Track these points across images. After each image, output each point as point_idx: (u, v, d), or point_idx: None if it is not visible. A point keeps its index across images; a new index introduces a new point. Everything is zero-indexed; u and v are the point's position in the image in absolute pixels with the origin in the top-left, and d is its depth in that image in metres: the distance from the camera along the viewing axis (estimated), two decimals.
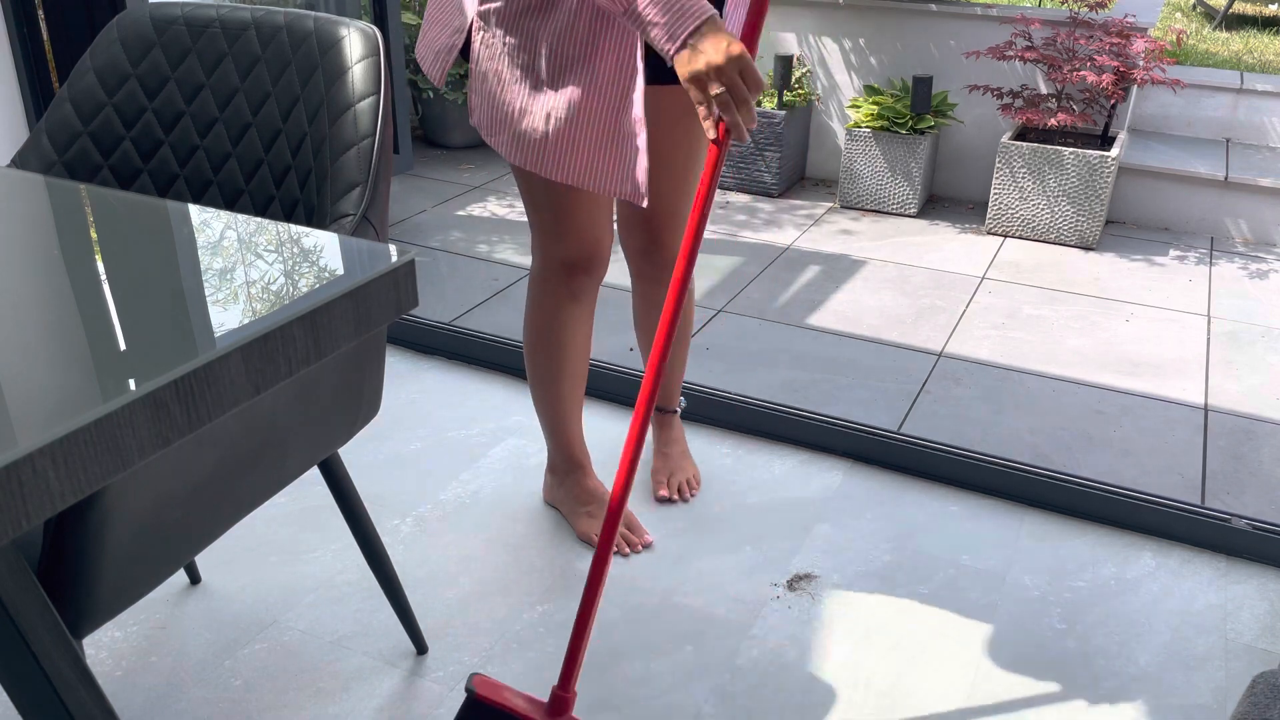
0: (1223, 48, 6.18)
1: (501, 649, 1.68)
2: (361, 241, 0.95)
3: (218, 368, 0.74)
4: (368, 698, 1.58)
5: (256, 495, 1.25)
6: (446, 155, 4.32)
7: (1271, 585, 1.88)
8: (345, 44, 1.34)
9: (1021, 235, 3.61)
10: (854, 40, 3.98)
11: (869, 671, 1.66)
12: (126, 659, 1.64)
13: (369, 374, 1.40)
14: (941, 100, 3.80)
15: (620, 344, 2.72)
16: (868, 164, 3.78)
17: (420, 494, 2.06)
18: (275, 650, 1.66)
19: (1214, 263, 3.45)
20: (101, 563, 1.03)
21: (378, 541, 1.54)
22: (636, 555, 1.90)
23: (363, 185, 1.29)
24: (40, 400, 0.68)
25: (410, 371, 2.52)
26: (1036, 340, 2.85)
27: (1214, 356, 2.79)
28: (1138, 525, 2.01)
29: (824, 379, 2.58)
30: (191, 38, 1.43)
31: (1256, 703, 1.00)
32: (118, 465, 0.68)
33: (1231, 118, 4.01)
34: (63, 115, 1.43)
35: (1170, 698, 1.63)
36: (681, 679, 1.63)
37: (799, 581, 1.85)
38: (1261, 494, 2.17)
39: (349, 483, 1.49)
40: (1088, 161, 3.45)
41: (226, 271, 0.89)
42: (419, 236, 3.45)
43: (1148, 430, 2.40)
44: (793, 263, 3.33)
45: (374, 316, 0.88)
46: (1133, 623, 1.78)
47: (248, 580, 1.81)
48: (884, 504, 2.07)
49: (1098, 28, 3.56)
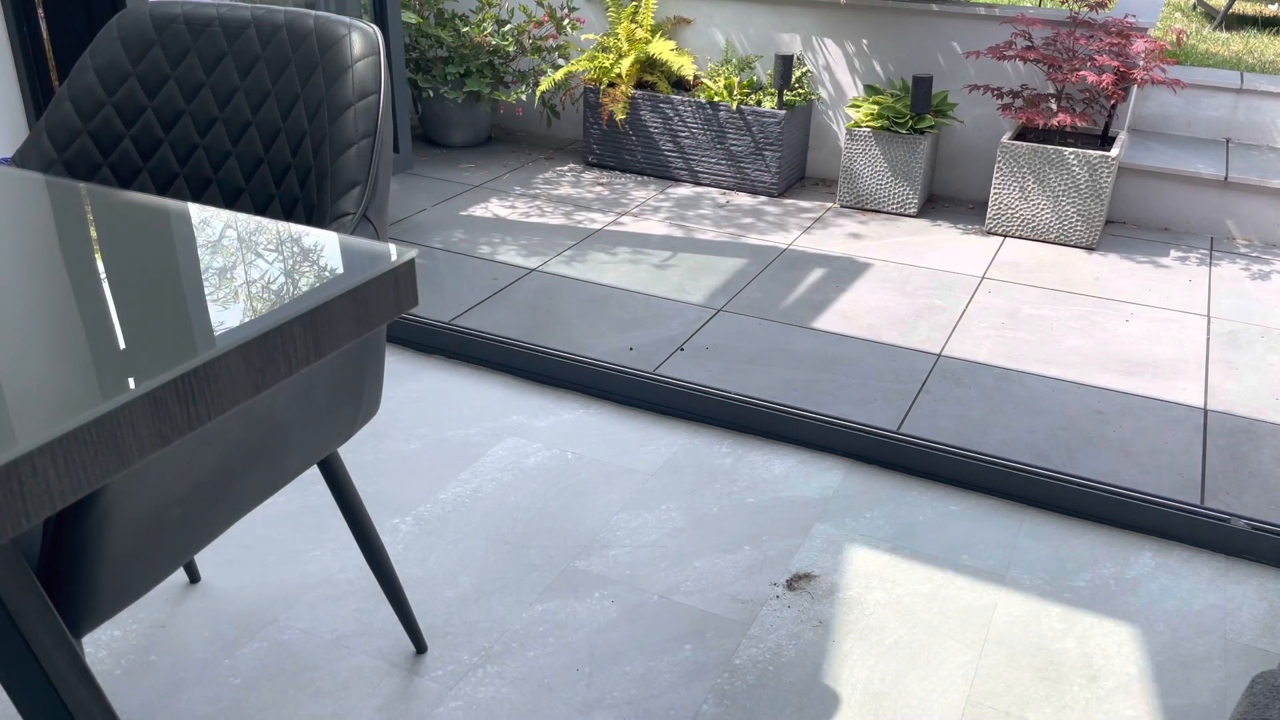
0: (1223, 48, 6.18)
1: (501, 648, 1.68)
2: (361, 240, 0.95)
3: (217, 367, 0.74)
4: (367, 697, 1.58)
5: (256, 494, 1.25)
6: (446, 154, 4.32)
7: (1271, 585, 1.88)
8: (345, 43, 1.34)
9: (1021, 235, 3.61)
10: (854, 40, 3.98)
11: (868, 671, 1.66)
12: (126, 658, 1.63)
13: (369, 373, 1.40)
14: (942, 100, 3.80)
15: (620, 344, 2.72)
16: (868, 164, 3.78)
17: (420, 493, 2.06)
18: (275, 649, 1.66)
19: (1214, 263, 3.45)
20: (101, 561, 1.03)
21: (377, 541, 1.54)
22: (636, 554, 1.90)
23: (363, 184, 1.29)
24: (40, 399, 0.68)
25: (410, 370, 2.52)
26: (1036, 340, 2.84)
27: (1214, 356, 2.79)
28: (1137, 525, 2.01)
29: (824, 379, 2.58)
30: (191, 36, 1.42)
31: (1256, 703, 1.00)
32: (117, 464, 0.68)
33: (1231, 118, 4.01)
34: (62, 114, 1.43)
35: (1170, 698, 1.63)
36: (681, 679, 1.63)
37: (799, 581, 1.85)
38: (1261, 494, 2.17)
39: (349, 482, 1.49)
40: (1088, 161, 3.45)
41: (226, 270, 0.89)
42: (419, 235, 3.45)
43: (1147, 430, 2.40)
44: (793, 262, 3.33)
45: (374, 315, 0.88)
46: (1132, 623, 1.78)
47: (247, 579, 1.81)
48: (884, 504, 2.07)
49: (1098, 28, 3.56)
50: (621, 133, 4.10)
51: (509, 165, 4.21)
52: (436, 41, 4.17)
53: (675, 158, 4.05)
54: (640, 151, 4.10)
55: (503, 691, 1.60)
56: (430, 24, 4.20)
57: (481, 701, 1.58)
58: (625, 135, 4.10)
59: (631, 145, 4.10)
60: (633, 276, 3.16)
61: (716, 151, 3.97)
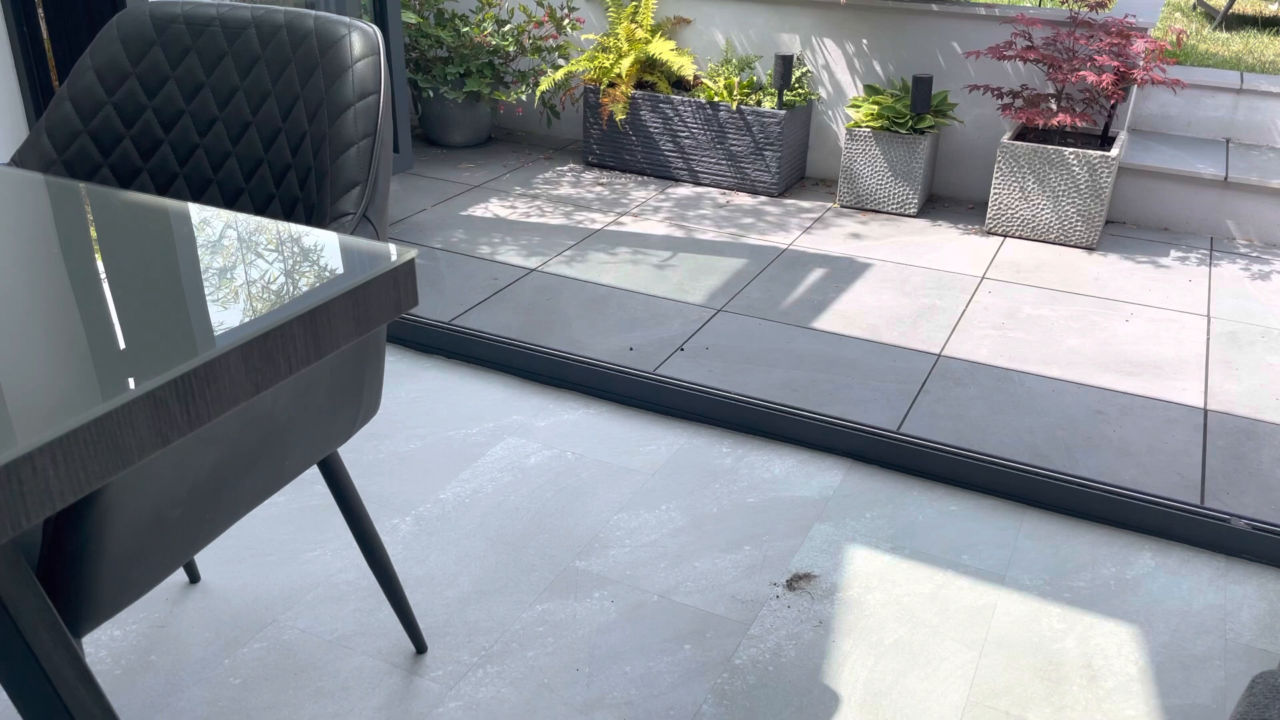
0: (1223, 48, 6.18)
1: (501, 648, 1.68)
2: (361, 240, 0.95)
3: (217, 367, 0.74)
4: (367, 697, 1.58)
5: (256, 494, 1.25)
6: (446, 154, 4.32)
7: (1271, 585, 1.88)
8: (345, 43, 1.34)
9: (1021, 235, 3.61)
10: (854, 40, 3.98)
11: (868, 671, 1.66)
12: (126, 658, 1.63)
13: (369, 373, 1.40)
14: (941, 100, 3.80)
15: (620, 344, 2.72)
16: (868, 164, 3.78)
17: (420, 493, 2.06)
18: (275, 649, 1.66)
19: (1214, 263, 3.45)
20: (101, 561, 1.03)
21: (377, 541, 1.54)
22: (636, 554, 1.90)
23: (363, 184, 1.29)
24: (40, 399, 0.68)
25: (410, 370, 2.52)
26: (1036, 340, 2.84)
27: (1214, 356, 2.79)
28: (1137, 525, 2.01)
29: (824, 379, 2.58)
30: (191, 36, 1.42)
31: (1255, 703, 1.00)
32: (117, 464, 0.68)
33: (1231, 118, 4.01)
34: (62, 114, 1.43)
35: (1170, 698, 1.63)
36: (681, 679, 1.63)
37: (799, 581, 1.85)
38: (1261, 494, 2.17)
39: (348, 482, 1.49)
40: (1088, 161, 3.45)
41: (226, 270, 0.89)
42: (419, 235, 3.45)
43: (1147, 430, 2.40)
44: (793, 262, 3.33)
45: (374, 315, 0.88)
46: (1132, 623, 1.78)
47: (247, 579, 1.81)
48: (884, 504, 2.07)
49: (1098, 28, 3.56)
50: (621, 133, 4.10)
51: (509, 165, 4.21)
52: (436, 41, 4.17)
53: (675, 158, 4.05)
54: (640, 151, 4.10)
55: (503, 691, 1.60)
56: (430, 24, 4.21)
57: (481, 701, 1.58)
58: (625, 135, 4.10)
59: (631, 145, 4.10)
60: (633, 276, 3.16)
61: (716, 151, 3.97)
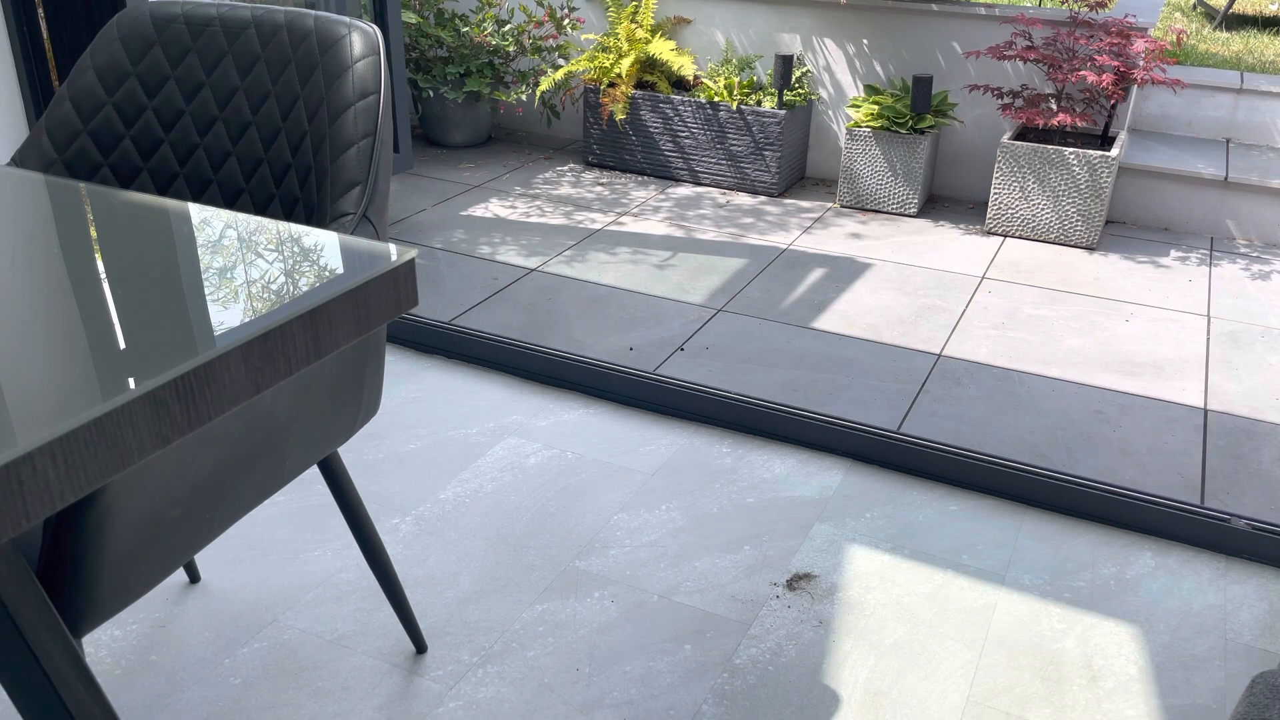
0: (1223, 48, 6.18)
1: (501, 648, 1.68)
2: (361, 240, 0.95)
3: (217, 366, 0.74)
4: (367, 697, 1.58)
5: (256, 494, 1.25)
6: (446, 154, 4.32)
7: (1271, 585, 1.88)
8: (345, 43, 1.34)
9: (1022, 235, 3.61)
10: (854, 40, 3.98)
11: (868, 671, 1.66)
12: (126, 658, 1.63)
13: (369, 373, 1.40)
14: (941, 100, 3.80)
15: (620, 344, 2.72)
16: (868, 164, 3.78)
17: (420, 493, 2.06)
18: (275, 649, 1.66)
19: (1214, 263, 3.45)
20: (101, 561, 1.03)
21: (377, 541, 1.54)
22: (636, 554, 1.90)
23: (363, 184, 1.29)
24: (40, 399, 0.68)
25: (410, 370, 2.52)
26: (1036, 340, 2.84)
27: (1214, 356, 2.79)
28: (1137, 525, 2.01)
29: (824, 379, 2.58)
30: (191, 36, 1.42)
31: (1256, 703, 1.00)
32: (117, 464, 0.68)
33: (1232, 118, 4.01)
34: (63, 114, 1.43)
35: (1170, 698, 1.63)
36: (681, 679, 1.63)
37: (799, 581, 1.85)
38: (1261, 494, 2.17)
39: (349, 482, 1.49)
40: (1088, 161, 3.45)
41: (226, 270, 0.89)
42: (419, 235, 3.45)
43: (1147, 430, 2.40)
44: (793, 262, 3.33)
45: (374, 315, 0.88)
46: (1132, 623, 1.78)
47: (247, 579, 1.81)
48: (884, 504, 2.07)
49: (1098, 28, 3.56)
50: (621, 133, 4.10)
51: (509, 165, 4.21)
52: (436, 41, 4.17)
53: (675, 158, 4.05)
54: (640, 151, 4.10)
55: (503, 691, 1.60)
56: (430, 24, 4.20)
57: (481, 701, 1.58)
58: (625, 135, 4.10)
59: (631, 145, 4.10)
60: (633, 276, 3.16)
61: (716, 151, 3.97)
